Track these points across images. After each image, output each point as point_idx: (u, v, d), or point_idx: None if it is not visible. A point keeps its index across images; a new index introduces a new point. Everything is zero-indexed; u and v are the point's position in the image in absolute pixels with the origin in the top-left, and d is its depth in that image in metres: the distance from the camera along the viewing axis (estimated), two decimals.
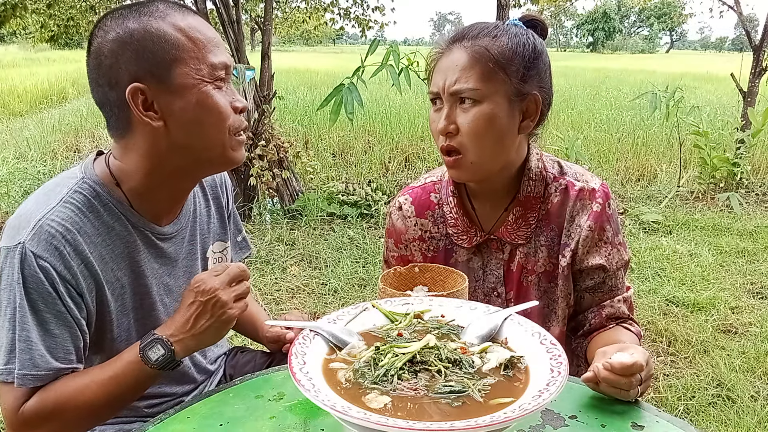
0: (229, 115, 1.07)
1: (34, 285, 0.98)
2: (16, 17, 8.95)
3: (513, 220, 1.28)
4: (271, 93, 4.94)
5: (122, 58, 1.00)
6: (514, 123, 1.20)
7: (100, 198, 1.07)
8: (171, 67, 1.01)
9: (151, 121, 1.02)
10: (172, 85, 1.01)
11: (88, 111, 9.28)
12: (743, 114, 6.20)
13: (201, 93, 1.03)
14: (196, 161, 1.09)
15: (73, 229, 1.01)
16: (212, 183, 1.34)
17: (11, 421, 1.00)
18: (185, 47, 1.01)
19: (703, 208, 5.47)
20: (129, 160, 1.08)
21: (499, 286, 1.32)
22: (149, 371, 1.02)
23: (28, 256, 0.98)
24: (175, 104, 1.02)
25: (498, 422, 0.71)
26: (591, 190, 1.27)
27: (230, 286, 1.03)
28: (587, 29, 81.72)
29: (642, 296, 3.49)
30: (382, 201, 5.14)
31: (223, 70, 1.06)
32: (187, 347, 1.03)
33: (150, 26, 1.01)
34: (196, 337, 1.03)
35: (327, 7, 9.98)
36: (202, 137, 1.06)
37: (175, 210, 1.18)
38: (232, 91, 1.09)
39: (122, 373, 1.02)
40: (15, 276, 0.98)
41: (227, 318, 1.02)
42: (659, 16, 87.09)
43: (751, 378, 2.65)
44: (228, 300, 1.02)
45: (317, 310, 3.29)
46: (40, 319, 0.99)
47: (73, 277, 1.01)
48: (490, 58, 1.16)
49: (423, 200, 1.36)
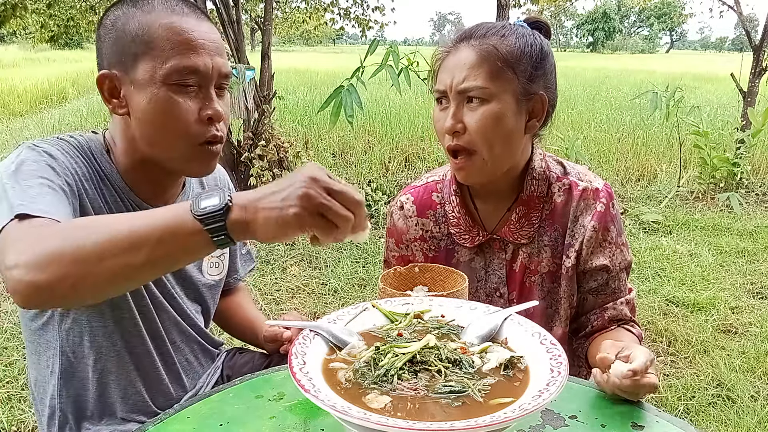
0: (189, 123, 1.04)
1: (30, 159, 0.98)
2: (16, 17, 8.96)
3: (516, 220, 1.28)
4: (271, 93, 4.95)
5: (105, 44, 1.06)
6: (521, 123, 1.20)
7: (92, 152, 1.10)
8: (137, 61, 1.03)
9: (115, 108, 1.07)
10: (135, 79, 1.04)
11: (88, 111, 9.28)
12: (743, 114, 6.20)
13: (155, 93, 1.02)
14: (160, 158, 1.10)
15: (68, 154, 1.05)
16: (212, 183, 1.34)
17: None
18: (156, 45, 1.02)
19: (703, 208, 5.47)
20: (114, 136, 1.13)
21: (502, 287, 1.32)
22: (190, 223, 0.77)
23: (27, 146, 1.02)
24: (134, 98, 1.05)
25: (498, 422, 0.71)
26: (595, 190, 1.27)
27: (330, 196, 0.77)
28: (587, 29, 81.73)
29: (642, 296, 3.49)
30: (382, 201, 5.14)
31: (191, 76, 1.02)
32: (243, 216, 0.77)
33: (133, 18, 1.04)
34: (256, 210, 0.77)
35: (327, 7, 9.99)
36: (158, 137, 1.07)
37: (165, 196, 1.19)
38: (208, 98, 1.05)
39: (159, 214, 0.80)
40: (9, 160, 0.98)
41: (291, 216, 0.75)
42: (659, 16, 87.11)
43: (751, 378, 2.65)
44: (312, 198, 0.76)
45: (317, 310, 3.29)
46: (27, 184, 0.93)
47: (70, 174, 1.03)
48: (499, 57, 1.16)
49: (425, 199, 1.36)
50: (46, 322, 1.12)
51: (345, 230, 0.78)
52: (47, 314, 1.11)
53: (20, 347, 2.76)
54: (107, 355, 1.14)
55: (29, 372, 1.21)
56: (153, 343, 1.19)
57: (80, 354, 1.13)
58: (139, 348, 1.17)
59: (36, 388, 1.20)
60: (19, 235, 0.84)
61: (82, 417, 1.18)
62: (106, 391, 1.17)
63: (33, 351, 1.17)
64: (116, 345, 1.14)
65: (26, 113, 10.57)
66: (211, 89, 1.06)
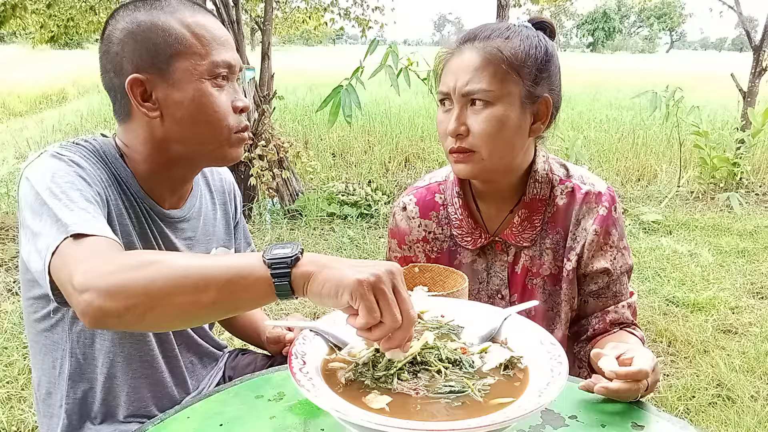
0: (227, 114, 1.08)
1: (61, 171, 0.97)
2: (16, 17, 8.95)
3: (518, 222, 1.27)
4: (271, 93, 4.94)
5: (127, 48, 1.04)
6: (525, 125, 1.19)
7: (107, 156, 1.09)
8: (171, 61, 1.03)
9: (147, 111, 1.06)
10: (171, 79, 1.04)
11: (88, 111, 9.29)
12: (743, 114, 6.21)
13: (198, 89, 1.05)
14: (192, 153, 1.11)
15: (90, 161, 1.04)
16: (220, 188, 1.35)
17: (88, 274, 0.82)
18: (188, 42, 1.04)
19: (703, 208, 5.47)
20: (129, 143, 1.11)
21: (503, 289, 1.32)
22: (258, 267, 0.79)
23: (50, 155, 1.01)
24: (172, 97, 1.05)
25: (498, 422, 0.71)
26: (597, 194, 1.26)
27: (394, 295, 0.77)
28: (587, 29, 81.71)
29: (642, 296, 3.49)
30: (382, 201, 5.14)
31: (225, 69, 1.07)
32: (309, 270, 0.78)
33: (157, 19, 1.04)
34: (324, 267, 0.78)
35: (327, 7, 9.98)
36: (196, 132, 1.07)
37: (178, 196, 1.20)
38: (235, 90, 1.10)
39: (230, 257, 0.84)
40: (39, 173, 0.97)
41: (352, 280, 0.75)
42: (659, 16, 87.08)
43: (751, 378, 2.65)
44: (379, 280, 0.76)
45: (317, 310, 3.29)
46: (68, 199, 0.93)
47: (98, 182, 1.02)
48: (503, 59, 1.15)
49: (428, 201, 1.36)
50: (55, 324, 1.12)
51: (385, 329, 0.77)
52: (57, 316, 1.11)
53: (20, 347, 2.76)
54: (115, 359, 1.14)
55: (33, 373, 1.21)
56: (160, 348, 1.20)
57: (90, 356, 1.13)
58: (147, 353, 1.17)
59: (40, 388, 1.19)
60: (81, 256, 0.85)
61: (86, 418, 1.18)
62: (112, 393, 1.16)
63: (38, 351, 1.16)
64: (125, 350, 1.14)
65: (26, 113, 10.58)
66: (236, 82, 1.11)
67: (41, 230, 0.91)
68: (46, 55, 25.51)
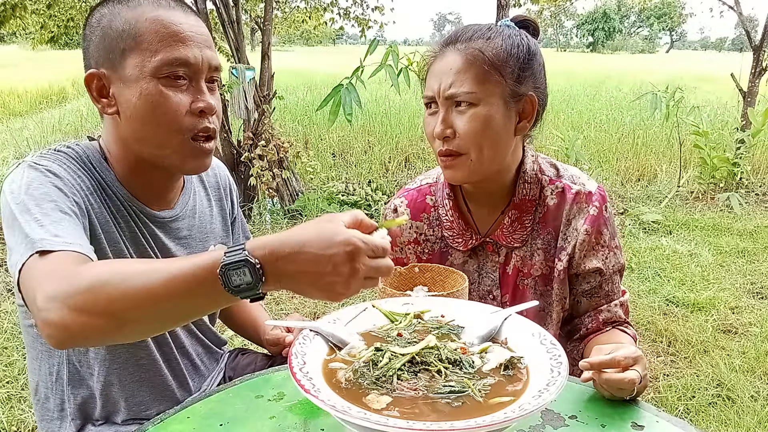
0: (179, 115, 1.02)
1: (36, 182, 0.96)
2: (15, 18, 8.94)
3: (509, 223, 1.28)
4: (271, 93, 4.94)
5: (91, 43, 1.04)
6: (510, 124, 1.20)
7: (91, 161, 1.08)
8: (124, 56, 1.01)
9: (104, 107, 1.05)
10: (123, 75, 1.02)
11: (88, 111, 9.28)
12: (743, 114, 6.20)
13: (146, 88, 1.00)
14: (154, 157, 1.07)
15: (70, 169, 1.03)
16: (215, 184, 1.33)
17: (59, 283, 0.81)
18: (143, 38, 1.00)
19: (703, 208, 5.47)
20: (107, 143, 1.11)
21: (495, 289, 1.32)
22: (223, 292, 0.76)
23: (27, 165, 0.99)
24: (123, 95, 1.03)
25: (498, 422, 0.71)
26: (588, 194, 1.27)
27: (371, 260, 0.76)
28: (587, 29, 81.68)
29: (642, 296, 3.49)
30: (382, 201, 5.14)
31: (181, 68, 1.01)
32: (278, 288, 0.78)
33: (118, 14, 1.02)
34: (298, 287, 0.77)
35: (327, 6, 9.97)
36: (147, 133, 1.04)
37: (166, 197, 1.17)
38: (199, 91, 1.04)
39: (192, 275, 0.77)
40: (15, 184, 0.96)
41: (342, 296, 0.77)
42: (659, 16, 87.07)
43: (751, 378, 2.65)
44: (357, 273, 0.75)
45: (317, 310, 3.29)
46: (41, 212, 0.92)
47: (77, 191, 1.00)
48: (485, 60, 1.15)
49: (419, 203, 1.36)
50: None
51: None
52: None
53: (20, 347, 2.76)
54: (111, 366, 1.13)
55: (30, 376, 1.20)
56: (159, 351, 1.19)
57: (86, 364, 1.13)
58: (146, 357, 1.17)
59: (38, 392, 1.19)
60: (43, 275, 0.83)
61: (87, 421, 1.18)
62: (111, 399, 1.16)
63: (34, 357, 1.16)
64: (120, 356, 1.14)
65: (26, 113, 10.57)
66: (202, 82, 1.05)
67: (13, 245, 0.91)
68: (46, 55, 25.51)
